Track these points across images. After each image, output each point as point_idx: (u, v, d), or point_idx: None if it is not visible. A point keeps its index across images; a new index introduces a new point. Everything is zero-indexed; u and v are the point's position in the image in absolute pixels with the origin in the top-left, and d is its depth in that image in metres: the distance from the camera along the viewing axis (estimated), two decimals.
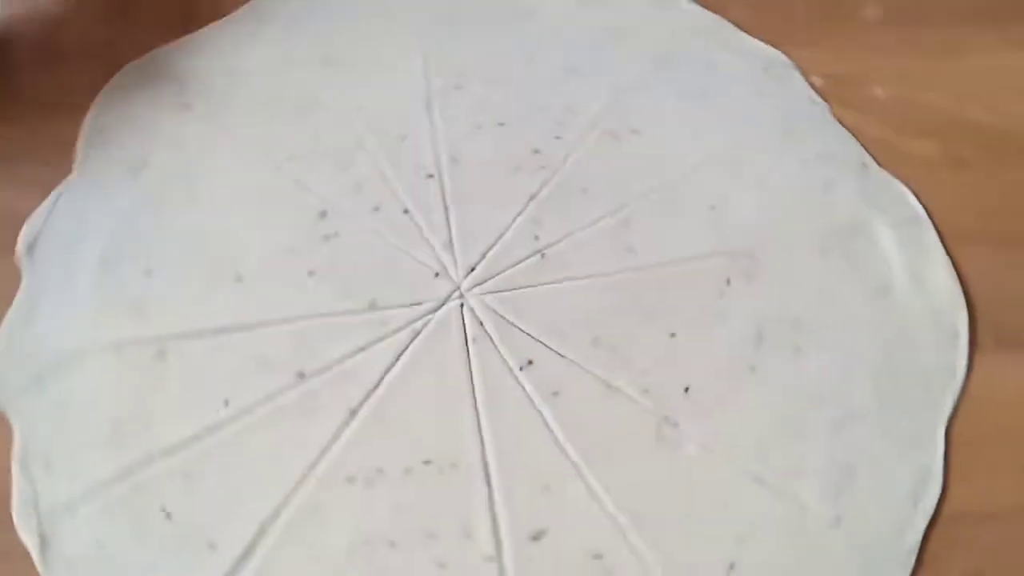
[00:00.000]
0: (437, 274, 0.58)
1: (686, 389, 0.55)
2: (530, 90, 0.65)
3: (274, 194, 0.60)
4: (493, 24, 0.68)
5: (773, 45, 0.68)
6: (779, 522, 0.51)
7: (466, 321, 0.57)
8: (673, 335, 0.56)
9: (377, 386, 0.54)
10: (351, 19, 0.68)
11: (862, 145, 0.64)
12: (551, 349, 0.56)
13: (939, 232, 0.60)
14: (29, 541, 0.50)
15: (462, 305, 0.57)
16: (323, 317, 0.56)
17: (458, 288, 0.58)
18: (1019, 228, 0.62)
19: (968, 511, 0.53)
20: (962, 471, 0.53)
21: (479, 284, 0.58)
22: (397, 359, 0.55)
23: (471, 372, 0.55)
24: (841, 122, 0.65)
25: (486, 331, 0.56)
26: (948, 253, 0.60)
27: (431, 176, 0.61)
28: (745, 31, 0.69)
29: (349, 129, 0.63)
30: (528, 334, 0.56)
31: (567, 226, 0.60)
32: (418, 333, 0.56)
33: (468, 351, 0.56)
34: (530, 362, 0.55)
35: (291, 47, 0.66)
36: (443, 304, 0.57)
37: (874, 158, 0.63)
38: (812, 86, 0.66)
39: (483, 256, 0.59)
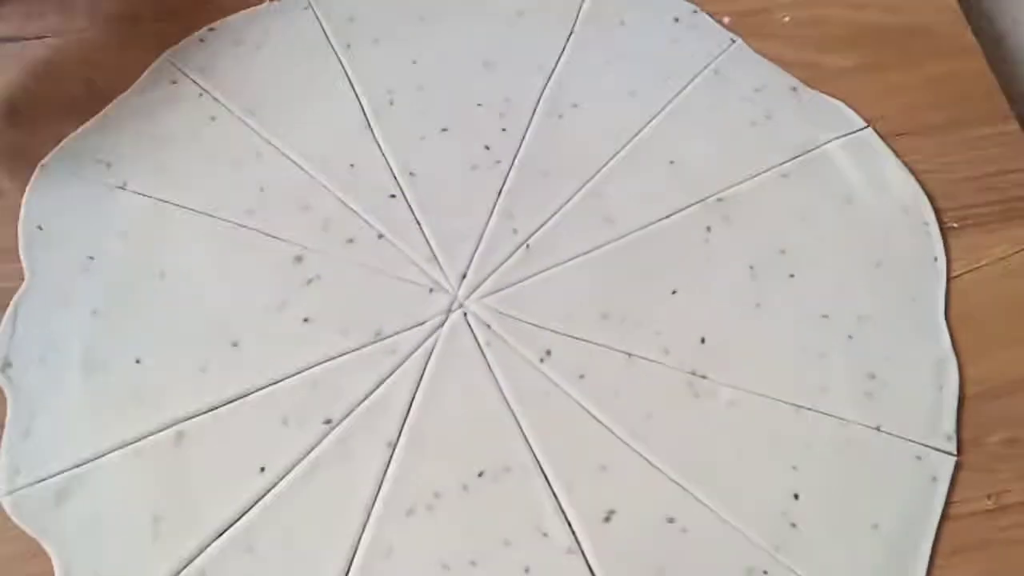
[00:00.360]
0: (431, 290, 0.57)
1: (702, 340, 0.56)
2: (461, 90, 0.65)
3: (242, 251, 0.58)
4: (406, 34, 0.67)
5: None
6: (826, 442, 0.53)
7: (473, 328, 0.56)
8: (674, 292, 0.57)
9: (408, 413, 0.54)
10: (264, 63, 0.65)
11: (786, 71, 0.66)
12: (564, 335, 0.56)
13: (878, 134, 0.63)
14: None
15: (465, 314, 0.57)
16: (332, 360, 0.55)
17: (455, 298, 0.57)
18: (946, 115, 0.65)
19: (987, 388, 0.56)
20: (970, 352, 0.56)
21: (475, 290, 0.58)
22: (419, 382, 0.54)
23: (494, 376, 0.55)
24: (761, 54, 0.67)
25: (496, 333, 0.56)
26: (892, 151, 0.63)
27: (393, 196, 0.60)
28: None
29: (296, 171, 0.61)
30: (538, 326, 0.56)
31: (541, 213, 0.60)
32: (431, 352, 0.55)
33: (485, 357, 0.55)
34: (548, 352, 0.55)
35: (210, 103, 0.64)
36: (446, 318, 0.57)
37: (801, 81, 0.65)
38: (724, 26, 0.68)
39: (470, 262, 0.58)
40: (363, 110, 0.63)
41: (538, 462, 0.52)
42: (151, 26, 0.68)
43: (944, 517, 0.52)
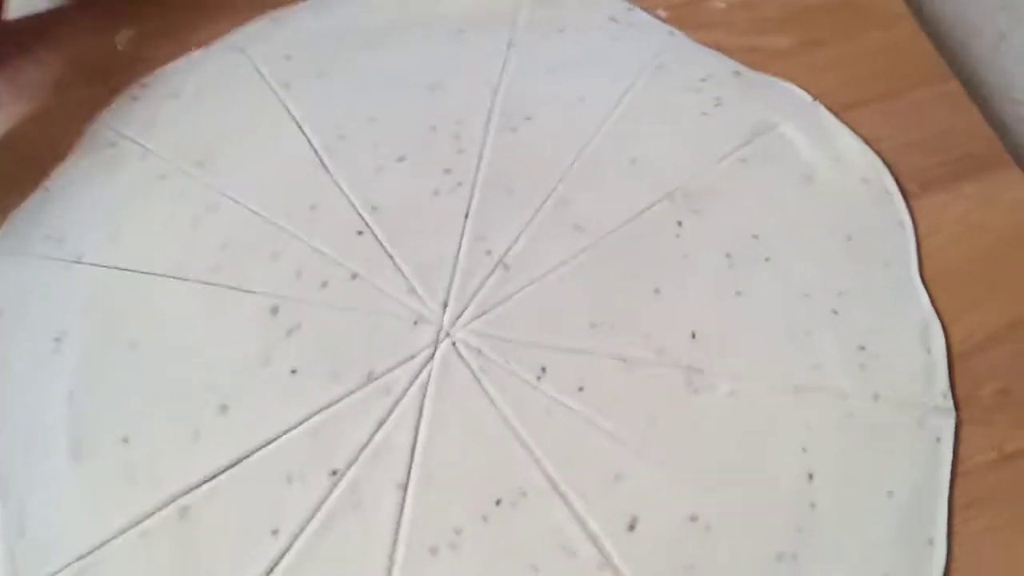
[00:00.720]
0: (416, 322, 0.56)
1: (693, 335, 0.56)
2: (410, 116, 0.64)
3: (215, 310, 0.56)
4: (346, 66, 0.66)
5: None
6: (829, 419, 0.54)
7: (464, 356, 0.55)
8: (657, 291, 0.57)
9: (413, 452, 0.52)
10: (205, 113, 0.64)
11: (728, 57, 0.67)
12: (557, 349, 0.55)
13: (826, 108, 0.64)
14: None
15: (454, 343, 0.56)
16: (327, 409, 0.53)
17: (441, 328, 0.56)
18: (888, 83, 0.66)
19: (972, 343, 0.57)
20: (949, 311, 0.57)
21: (459, 317, 0.57)
22: (419, 418, 0.53)
23: (493, 401, 0.54)
24: (701, 43, 0.67)
25: (488, 357, 0.55)
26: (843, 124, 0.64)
27: (361, 232, 0.59)
28: None
29: (257, 220, 0.59)
30: (529, 344, 0.56)
31: (512, 230, 0.59)
32: (426, 385, 0.54)
33: (480, 383, 0.54)
34: (543, 369, 0.55)
35: (155, 161, 0.62)
36: (435, 349, 0.56)
37: (744, 64, 0.66)
38: (661, 20, 0.68)
39: (449, 289, 0.58)
40: (314, 149, 0.62)
41: (553, 482, 0.52)
42: (79, 91, 0.65)
43: (953, 474, 0.52)
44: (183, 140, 0.63)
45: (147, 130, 0.63)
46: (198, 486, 0.51)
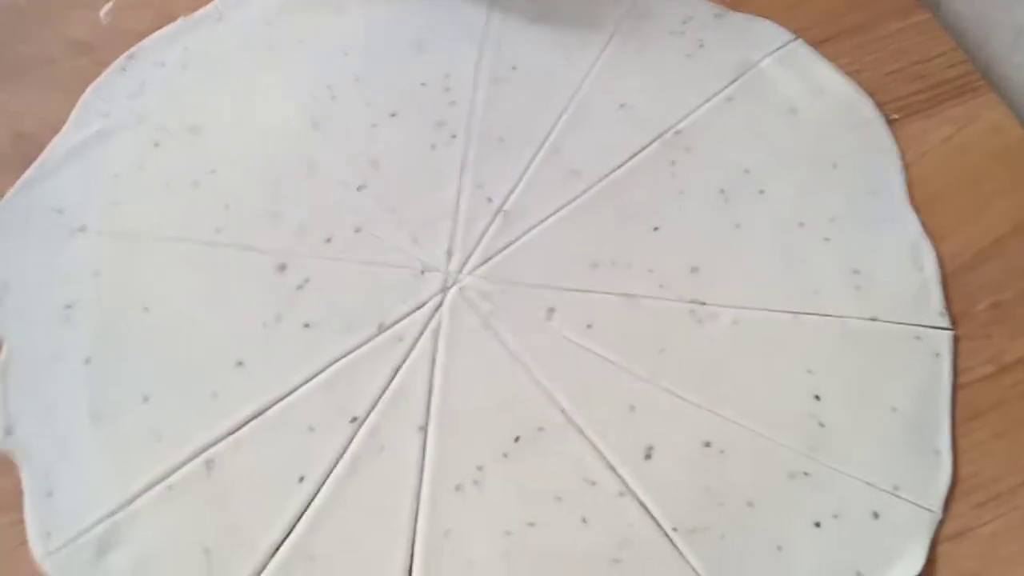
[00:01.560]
0: (422, 271, 0.57)
1: (693, 269, 0.57)
2: (400, 73, 0.64)
3: (223, 270, 0.57)
4: (328, 29, 0.66)
5: None
6: (831, 341, 0.55)
7: (473, 301, 0.56)
8: (656, 228, 0.59)
9: (430, 396, 0.54)
10: (193, 80, 0.64)
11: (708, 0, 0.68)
12: (562, 289, 0.57)
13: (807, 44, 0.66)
14: None
15: (461, 289, 0.57)
16: (342, 360, 0.54)
17: (448, 276, 0.57)
18: (860, 16, 0.68)
19: (963, 261, 0.58)
20: (939, 231, 0.59)
21: (464, 264, 0.58)
22: (434, 362, 0.54)
23: (505, 342, 0.55)
24: None
25: (496, 302, 0.56)
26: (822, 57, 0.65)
27: (361, 188, 0.60)
28: None
29: (256, 180, 0.60)
30: (535, 286, 0.57)
31: (509, 178, 0.60)
32: (438, 331, 0.56)
33: (491, 326, 0.56)
34: (551, 310, 0.56)
35: (149, 129, 0.62)
36: (444, 296, 0.57)
37: (723, 6, 0.68)
38: None
39: (452, 238, 0.59)
40: (308, 109, 0.63)
41: (568, 416, 0.53)
42: (66, 65, 0.66)
43: (954, 388, 0.54)
44: (174, 107, 0.63)
45: (138, 99, 0.63)
46: (222, 439, 0.52)
